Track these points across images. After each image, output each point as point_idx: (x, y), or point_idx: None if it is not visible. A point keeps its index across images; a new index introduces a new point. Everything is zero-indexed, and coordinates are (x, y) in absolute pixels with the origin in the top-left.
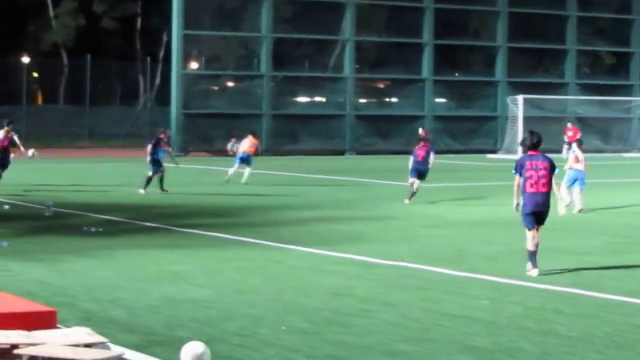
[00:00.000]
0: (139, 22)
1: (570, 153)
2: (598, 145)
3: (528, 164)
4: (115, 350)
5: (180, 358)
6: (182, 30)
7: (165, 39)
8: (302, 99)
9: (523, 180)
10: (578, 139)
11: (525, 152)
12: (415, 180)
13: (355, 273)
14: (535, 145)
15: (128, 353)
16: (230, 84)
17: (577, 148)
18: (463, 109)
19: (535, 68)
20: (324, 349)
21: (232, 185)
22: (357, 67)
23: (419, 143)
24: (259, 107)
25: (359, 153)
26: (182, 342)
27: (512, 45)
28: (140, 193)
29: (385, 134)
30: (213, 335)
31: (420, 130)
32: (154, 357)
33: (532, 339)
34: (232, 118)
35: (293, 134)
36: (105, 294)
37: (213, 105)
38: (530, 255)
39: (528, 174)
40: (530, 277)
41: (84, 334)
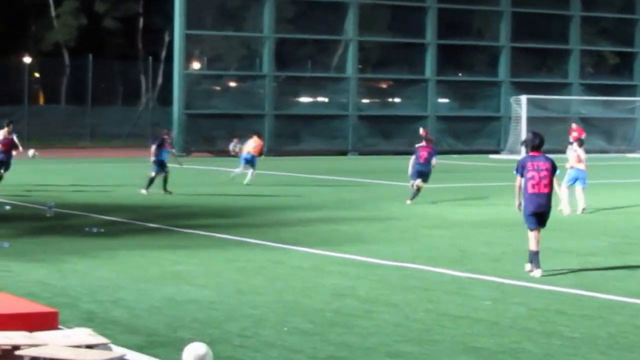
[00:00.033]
0: (141, 21)
1: (571, 152)
2: (601, 146)
3: (529, 165)
4: (117, 351)
5: (182, 359)
6: (184, 30)
7: (167, 39)
8: (304, 99)
9: (524, 181)
10: (579, 139)
11: (528, 152)
12: (417, 181)
13: (357, 273)
14: (537, 146)
15: (129, 354)
16: (232, 84)
17: (578, 147)
18: (466, 109)
19: (539, 68)
20: (326, 350)
21: (233, 186)
22: (359, 67)
23: (422, 143)
24: (261, 107)
25: (362, 153)
26: (183, 342)
27: (515, 45)
28: (142, 193)
29: (388, 134)
30: (215, 336)
31: (421, 130)
32: (156, 357)
33: (535, 340)
34: (234, 118)
35: (295, 134)
36: (107, 295)
37: (215, 105)
38: (533, 256)
39: (529, 175)
40: (533, 277)
41: (86, 335)
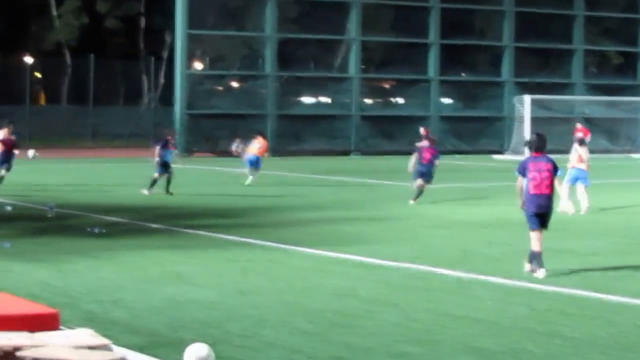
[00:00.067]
0: (142, 21)
1: (572, 152)
2: (605, 146)
3: (531, 166)
4: (118, 352)
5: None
6: (185, 30)
7: (169, 39)
8: (306, 99)
9: (526, 182)
10: (580, 138)
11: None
12: (418, 181)
13: (359, 274)
14: (540, 147)
15: (131, 354)
16: (235, 84)
17: (579, 147)
18: (469, 109)
19: (542, 68)
20: (327, 350)
21: (234, 186)
22: (362, 67)
23: (423, 142)
24: (264, 107)
25: (364, 153)
26: (184, 343)
27: (518, 45)
28: (144, 193)
29: (391, 134)
30: (216, 337)
31: (422, 130)
32: (157, 358)
33: (536, 340)
34: (236, 118)
35: (298, 134)
36: (108, 295)
37: (217, 105)
38: (535, 256)
39: (531, 176)
40: (536, 278)
41: (87, 336)
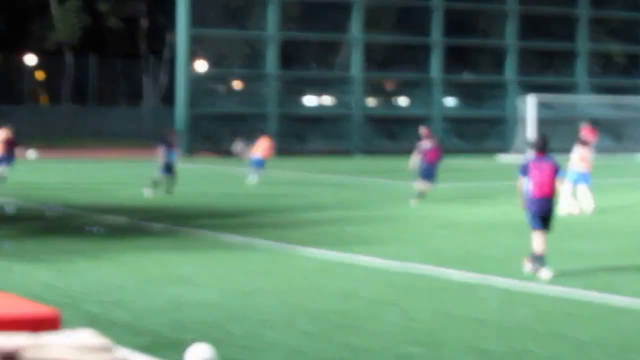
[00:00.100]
0: (144, 20)
1: (573, 153)
2: (610, 146)
3: (533, 166)
4: (120, 353)
5: None
6: (187, 29)
7: (171, 38)
8: (309, 99)
9: (528, 182)
10: (581, 139)
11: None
12: (423, 183)
13: (362, 275)
14: (542, 148)
15: (132, 355)
16: (237, 84)
17: (580, 147)
18: (472, 109)
19: (546, 68)
20: (330, 351)
21: (237, 186)
22: (364, 66)
23: (425, 142)
24: (266, 107)
25: (367, 153)
26: (186, 344)
27: (522, 45)
28: (146, 193)
29: (393, 134)
30: (218, 337)
31: (423, 130)
32: (159, 359)
33: (540, 342)
34: (238, 118)
35: (300, 134)
36: (110, 296)
37: (219, 105)
38: (538, 257)
39: (533, 176)
40: (541, 278)
41: (88, 336)
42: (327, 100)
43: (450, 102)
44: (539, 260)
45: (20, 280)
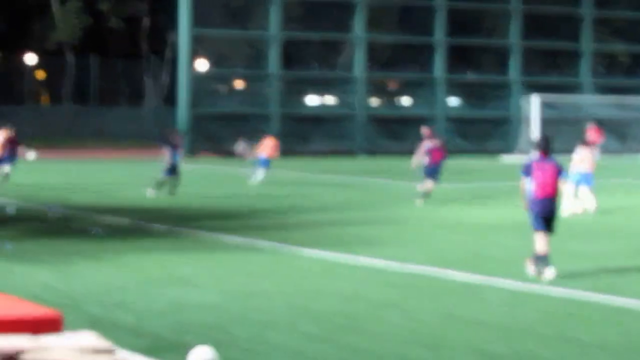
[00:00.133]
0: (146, 20)
1: (575, 153)
2: (614, 146)
3: (536, 167)
4: (122, 355)
5: None
6: (189, 29)
7: (172, 38)
8: (311, 99)
9: (531, 183)
10: (583, 140)
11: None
12: (428, 182)
13: (366, 276)
14: (545, 149)
15: (134, 358)
16: (239, 84)
17: (583, 148)
18: (476, 109)
19: (550, 68)
20: (334, 354)
21: (240, 187)
22: (367, 66)
23: (428, 141)
24: (268, 107)
25: (370, 154)
26: (189, 346)
27: (526, 45)
28: (149, 194)
29: (396, 135)
30: (221, 340)
31: (424, 130)
32: None
33: (548, 344)
34: (240, 118)
35: (303, 135)
36: (112, 298)
37: (221, 106)
38: (541, 258)
39: (536, 177)
40: (546, 279)
41: (90, 339)
42: (329, 101)
43: (454, 102)
44: (543, 261)
45: (21, 282)
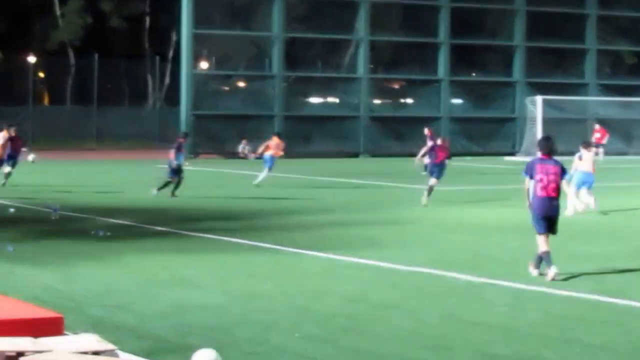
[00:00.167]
0: (147, 20)
1: (577, 155)
2: (619, 147)
3: (538, 168)
4: (124, 357)
5: None
6: (191, 29)
7: (174, 38)
8: (314, 100)
9: (533, 184)
10: (585, 141)
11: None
12: (432, 180)
13: (371, 278)
14: (548, 150)
15: None
16: (241, 84)
17: (585, 149)
18: (480, 110)
19: (554, 68)
20: (338, 356)
21: (242, 188)
22: (371, 67)
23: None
24: (271, 108)
25: (373, 155)
26: (192, 349)
27: (530, 45)
28: (153, 193)
29: (400, 136)
30: (224, 342)
31: (425, 130)
32: None
33: (552, 347)
34: (243, 119)
35: (306, 136)
36: (114, 300)
37: (223, 106)
38: (544, 258)
39: (538, 178)
40: (549, 279)
41: (92, 341)
42: (332, 101)
43: (458, 102)
44: (546, 260)
45: (22, 283)
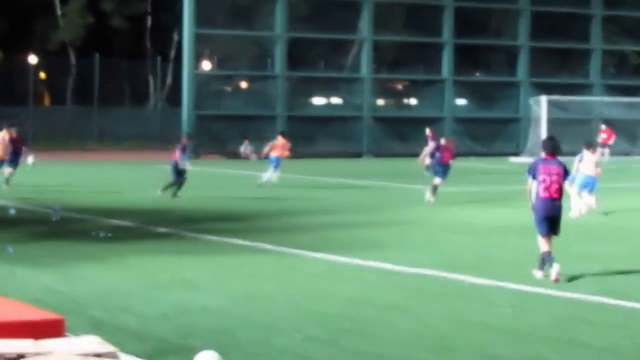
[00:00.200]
0: (149, 20)
1: (577, 157)
2: (624, 148)
3: (541, 168)
4: (125, 359)
5: None
6: (193, 29)
7: (176, 38)
8: (317, 100)
9: (536, 184)
10: (588, 142)
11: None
12: (437, 179)
13: (374, 280)
14: (551, 150)
15: None
16: (244, 85)
17: (586, 150)
18: (484, 110)
19: (559, 68)
20: (341, 358)
21: (244, 189)
22: (374, 67)
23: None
24: (273, 108)
25: (377, 155)
26: (194, 350)
27: (534, 45)
28: (159, 194)
29: (404, 136)
30: (226, 344)
31: (427, 131)
32: None
33: (556, 348)
34: (245, 119)
35: (309, 136)
36: (115, 301)
37: (225, 106)
38: (546, 258)
39: (541, 178)
40: (552, 279)
41: (93, 343)
42: (335, 101)
43: (462, 103)
44: (547, 259)
45: (23, 285)
